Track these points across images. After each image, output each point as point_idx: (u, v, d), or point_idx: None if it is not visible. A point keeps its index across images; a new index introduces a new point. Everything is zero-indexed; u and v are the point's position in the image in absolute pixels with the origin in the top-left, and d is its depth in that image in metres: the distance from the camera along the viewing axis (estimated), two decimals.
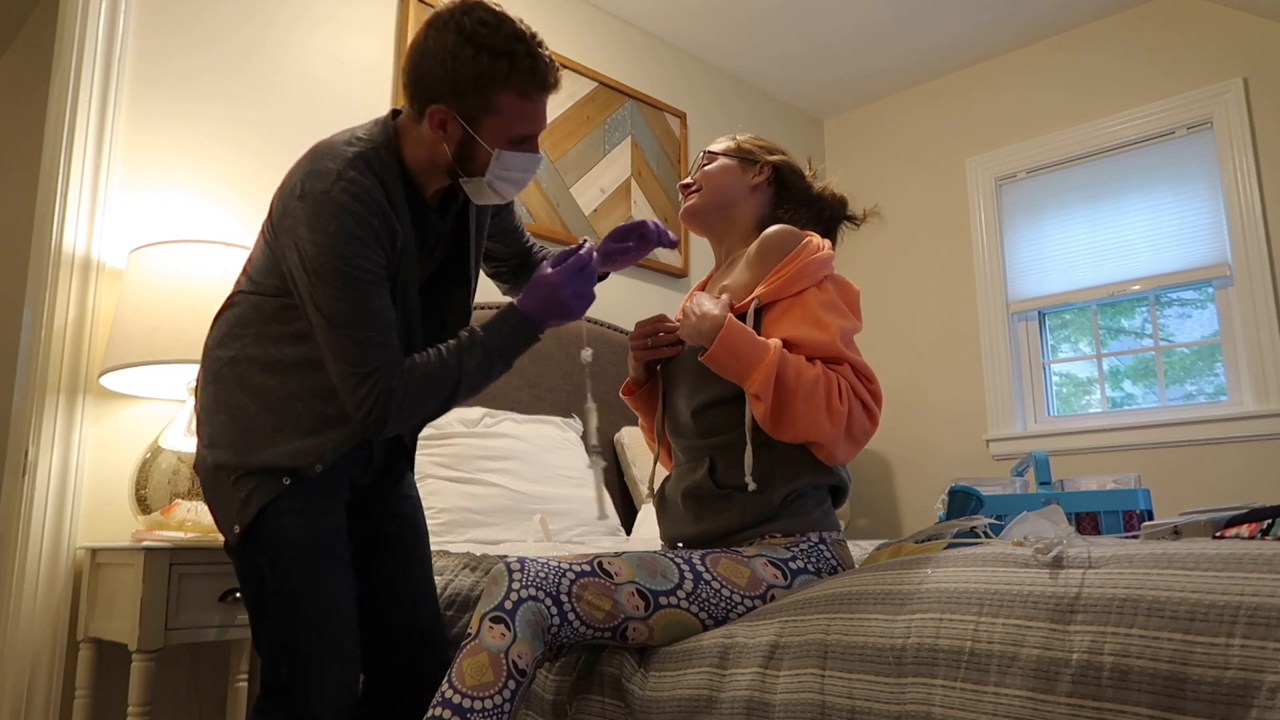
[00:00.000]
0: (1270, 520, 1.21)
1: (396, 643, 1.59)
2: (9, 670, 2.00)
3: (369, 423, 1.38)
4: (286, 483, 1.42)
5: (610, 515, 2.38)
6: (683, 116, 3.79)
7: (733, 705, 1.21)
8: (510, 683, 1.19)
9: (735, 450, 1.47)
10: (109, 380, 2.12)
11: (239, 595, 1.92)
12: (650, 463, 2.09)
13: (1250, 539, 1.15)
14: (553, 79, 1.44)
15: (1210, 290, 3.34)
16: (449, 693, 1.19)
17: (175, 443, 2.04)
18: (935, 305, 4.01)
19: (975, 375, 3.84)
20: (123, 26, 2.31)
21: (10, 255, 3.43)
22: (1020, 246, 3.82)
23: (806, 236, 1.52)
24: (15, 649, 2.01)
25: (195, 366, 2.05)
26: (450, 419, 2.58)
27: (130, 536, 2.05)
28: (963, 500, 1.71)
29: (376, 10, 2.87)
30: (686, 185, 1.70)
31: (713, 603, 1.35)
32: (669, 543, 1.60)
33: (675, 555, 1.38)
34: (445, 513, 2.41)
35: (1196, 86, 3.40)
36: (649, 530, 2.66)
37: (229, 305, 1.53)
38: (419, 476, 2.43)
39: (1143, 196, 3.50)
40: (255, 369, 1.45)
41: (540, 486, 2.58)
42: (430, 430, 2.53)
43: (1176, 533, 1.29)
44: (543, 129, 1.49)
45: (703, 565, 1.38)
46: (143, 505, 2.00)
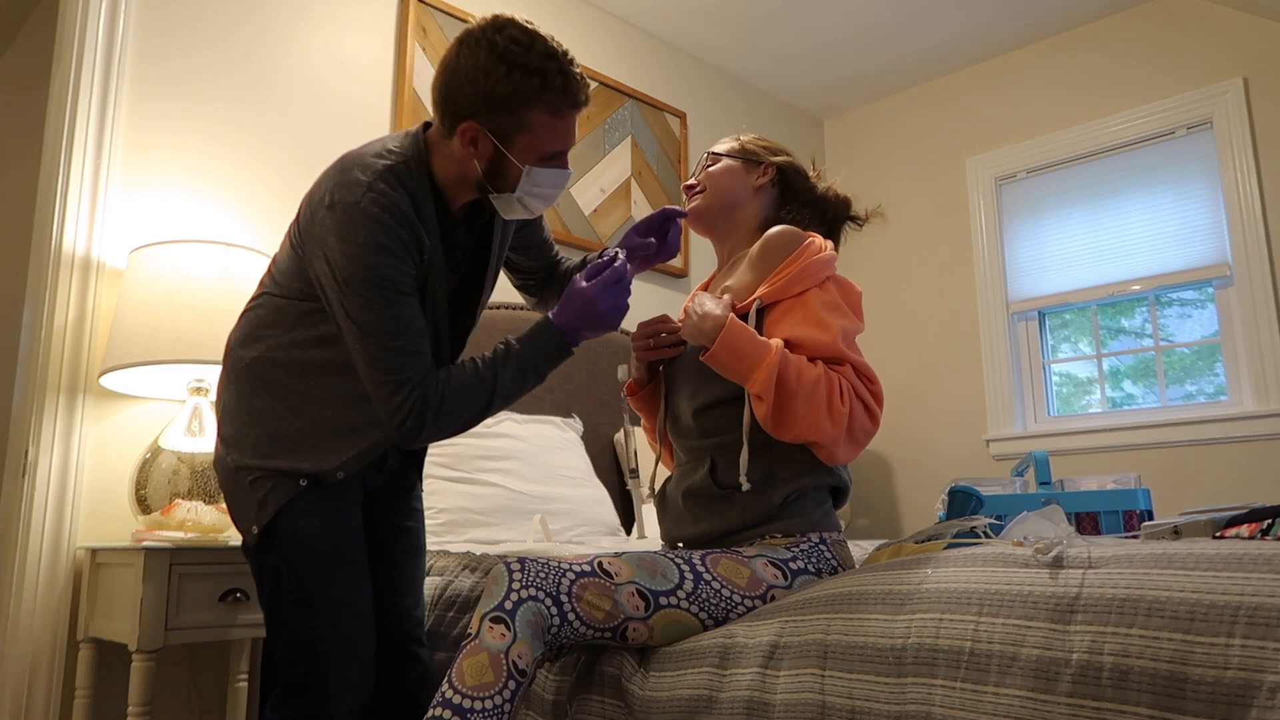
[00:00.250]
0: (1270, 520, 1.21)
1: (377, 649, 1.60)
2: (9, 670, 2.00)
3: (404, 431, 1.38)
4: (303, 484, 1.43)
5: (649, 535, 2.34)
6: (683, 116, 3.78)
7: (733, 705, 1.21)
8: (510, 683, 1.19)
9: (736, 450, 1.47)
10: (109, 380, 2.12)
11: (239, 595, 1.93)
12: (652, 463, 2.09)
13: (1250, 539, 1.15)
14: (584, 96, 1.44)
15: (1210, 290, 3.34)
16: (449, 693, 1.19)
17: (175, 443, 2.04)
18: (935, 305, 4.01)
19: (975, 375, 3.84)
20: (123, 26, 2.31)
21: (10, 255, 3.42)
22: (1020, 246, 3.82)
23: (809, 237, 1.52)
24: (15, 649, 2.01)
25: (195, 366, 2.06)
26: None
27: (130, 536, 2.05)
28: (963, 500, 1.71)
29: (376, 10, 2.87)
30: (690, 186, 1.69)
31: (713, 603, 1.35)
32: (669, 543, 1.60)
33: (675, 555, 1.38)
34: (445, 512, 2.41)
35: (1196, 86, 3.40)
36: (650, 531, 2.65)
37: (253, 305, 1.53)
38: None
39: (1143, 196, 3.50)
40: (280, 371, 1.46)
41: (540, 486, 2.57)
42: None
43: (1176, 533, 1.29)
44: (573, 145, 1.49)
45: (703, 565, 1.38)
46: (143, 505, 2.00)
